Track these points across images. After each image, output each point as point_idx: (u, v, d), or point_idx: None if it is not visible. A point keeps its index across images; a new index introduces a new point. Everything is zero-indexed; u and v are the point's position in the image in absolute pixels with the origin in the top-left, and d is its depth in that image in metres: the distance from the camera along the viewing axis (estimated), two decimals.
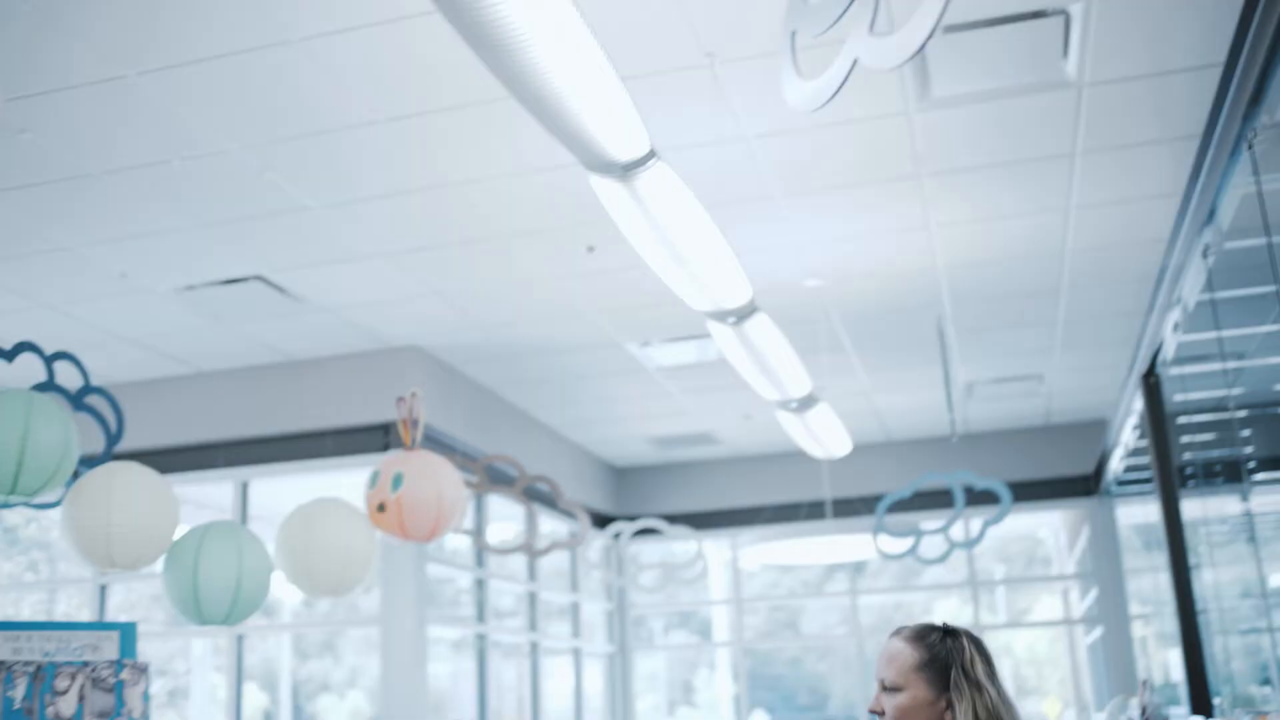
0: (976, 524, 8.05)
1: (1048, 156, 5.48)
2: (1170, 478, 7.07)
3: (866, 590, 11.71)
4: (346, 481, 6.57)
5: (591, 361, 8.47)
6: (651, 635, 12.68)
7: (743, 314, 5.15)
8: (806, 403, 6.62)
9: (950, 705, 2.33)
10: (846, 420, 7.82)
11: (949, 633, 2.42)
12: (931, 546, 8.23)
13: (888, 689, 2.40)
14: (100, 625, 4.49)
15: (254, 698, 11.68)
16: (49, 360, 4.96)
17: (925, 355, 8.31)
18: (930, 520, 8.07)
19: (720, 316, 5.17)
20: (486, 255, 6.52)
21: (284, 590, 5.21)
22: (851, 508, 9.86)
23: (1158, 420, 7.19)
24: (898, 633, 2.46)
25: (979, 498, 8.37)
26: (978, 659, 2.36)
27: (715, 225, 4.37)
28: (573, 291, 7.08)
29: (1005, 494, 7.57)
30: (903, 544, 7.89)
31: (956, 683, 2.34)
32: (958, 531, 8.98)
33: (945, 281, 7.00)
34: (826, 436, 7.39)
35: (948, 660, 2.36)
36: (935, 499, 9.17)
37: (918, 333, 7.90)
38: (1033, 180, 5.74)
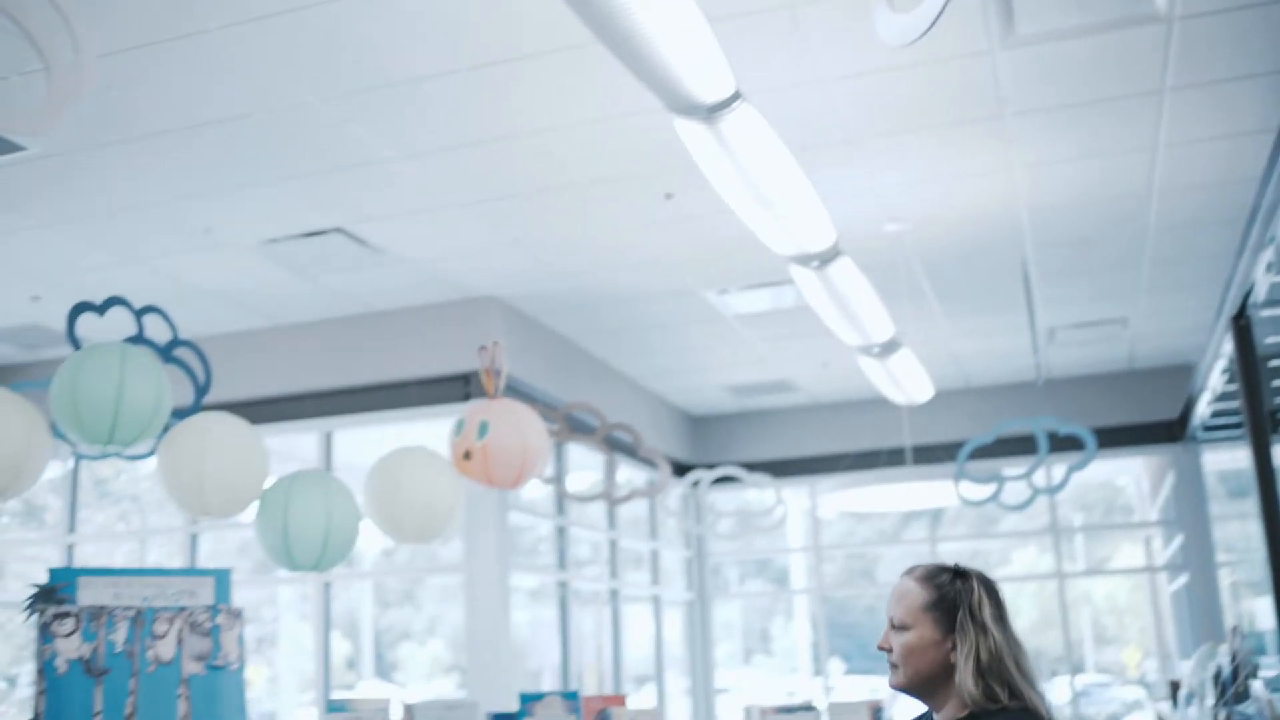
0: (1059, 470, 7.96)
1: (1136, 94, 5.36)
2: (1261, 423, 6.93)
3: (944, 538, 11.65)
4: (428, 432, 6.63)
5: (669, 310, 8.46)
6: (727, 584, 12.73)
7: (826, 258, 5.11)
8: (889, 348, 6.56)
9: (955, 646, 2.33)
10: (926, 367, 7.74)
11: (959, 574, 2.41)
12: (1013, 493, 8.15)
13: (896, 627, 2.41)
14: (195, 571, 4.58)
15: (338, 645, 11.91)
16: (138, 314, 5.05)
17: (1006, 300, 8.20)
18: (1012, 467, 7.99)
19: (803, 260, 5.13)
20: (565, 204, 6.52)
21: (365, 540, 5.29)
22: (931, 455, 9.77)
23: (1248, 364, 7.03)
24: (909, 572, 2.46)
25: (1061, 444, 8.26)
26: (986, 601, 2.35)
27: (797, 168, 4.33)
28: (651, 239, 7.07)
29: (1090, 439, 7.47)
30: (985, 490, 7.82)
31: (962, 624, 2.33)
32: (1040, 478, 8.88)
33: (1028, 224, 6.89)
34: (908, 382, 7.32)
35: (955, 601, 2.35)
36: (1016, 445, 9.07)
37: (999, 277, 7.79)
38: (1120, 118, 5.62)
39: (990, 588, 2.38)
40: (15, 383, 4.84)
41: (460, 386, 7.85)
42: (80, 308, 4.92)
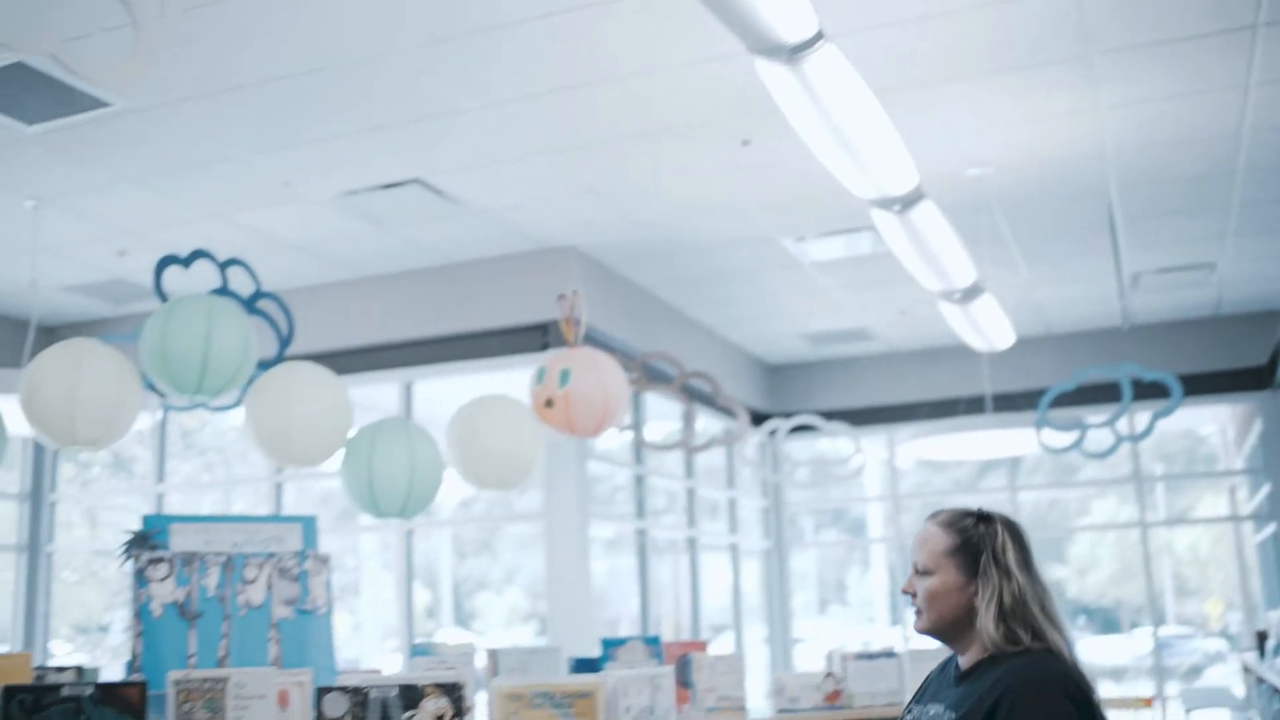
0: (1142, 418, 7.82)
1: (1227, 30, 5.20)
2: None
3: (1023, 486, 11.53)
4: (506, 382, 6.66)
5: (746, 258, 8.41)
6: (803, 534, 12.71)
7: (908, 201, 5.04)
8: (970, 293, 6.48)
9: (978, 591, 2.31)
10: (1007, 313, 7.63)
11: (983, 518, 2.39)
12: (1096, 441, 8.04)
13: (920, 572, 2.39)
14: (283, 518, 4.65)
15: (418, 595, 12.07)
16: (222, 267, 5.11)
17: (1090, 245, 8.05)
18: (1095, 415, 7.87)
19: (885, 204, 5.06)
20: (642, 152, 6.49)
21: (444, 491, 5.33)
22: (1011, 403, 9.65)
23: None
24: (934, 516, 2.44)
25: (1145, 391, 8.12)
26: (1010, 545, 2.33)
27: (880, 109, 4.27)
28: (728, 187, 7.02)
29: (1176, 386, 7.33)
30: (1067, 438, 7.71)
31: (985, 568, 2.31)
32: (1123, 425, 8.74)
33: (1114, 167, 6.74)
34: (989, 328, 7.22)
35: (979, 546, 2.34)
36: (1099, 393, 8.93)
37: (1083, 222, 7.65)
38: (1210, 56, 5.46)
39: (1015, 532, 2.37)
40: (105, 335, 4.93)
41: (538, 336, 7.88)
42: (166, 261, 5.00)
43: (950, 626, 2.35)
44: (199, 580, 4.35)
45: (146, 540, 4.42)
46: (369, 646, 10.63)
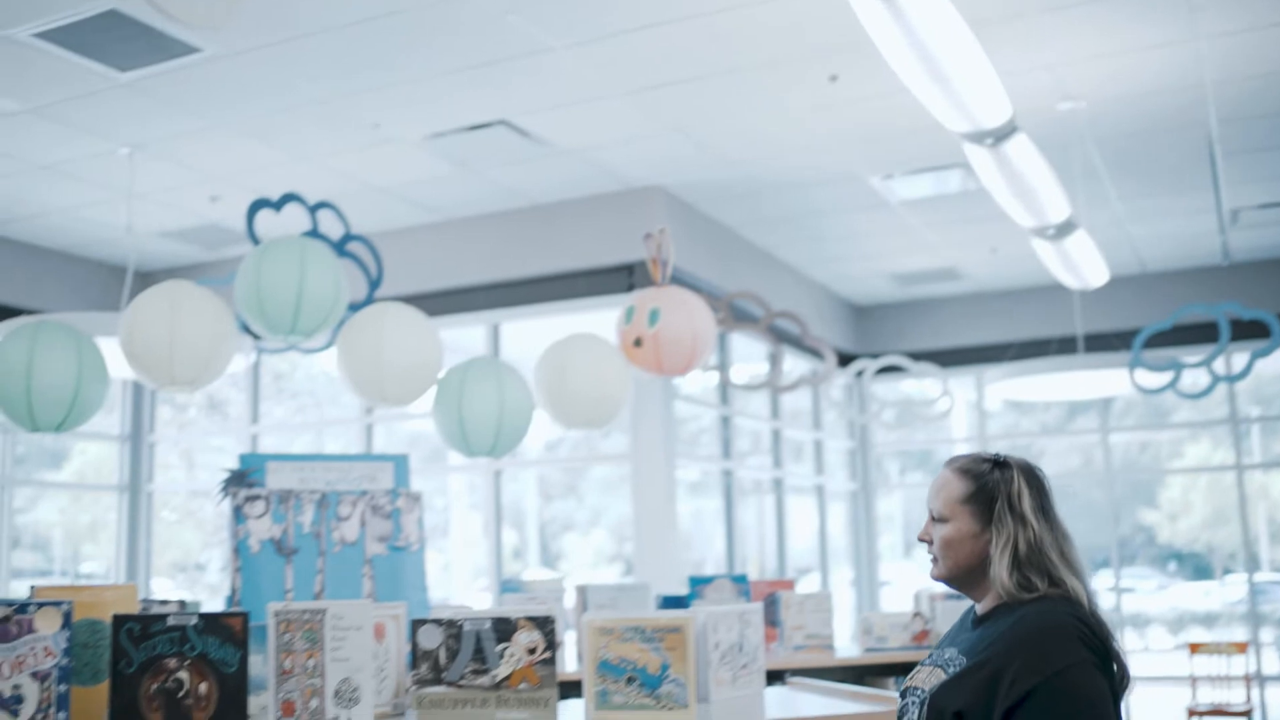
0: (1240, 359, 7.64)
1: None
2: None
3: (1114, 428, 11.35)
4: (592, 323, 6.68)
5: (833, 197, 8.32)
6: (889, 476, 12.64)
7: (1001, 134, 4.94)
8: (1063, 229, 6.35)
9: (994, 539, 2.26)
10: (1101, 252, 7.48)
11: (999, 464, 2.33)
12: (1192, 381, 7.88)
13: (935, 519, 2.35)
14: (376, 457, 4.71)
15: (505, 536, 12.22)
16: (313, 210, 5.17)
17: (1187, 180, 7.85)
18: (1190, 355, 7.71)
19: (977, 138, 4.97)
20: (728, 90, 6.43)
21: (530, 432, 5.38)
22: (1104, 343, 9.48)
23: None
24: (950, 463, 2.38)
25: (1243, 331, 7.93)
26: (1026, 492, 2.27)
27: (973, 40, 4.17)
28: (814, 124, 6.93)
29: (1276, 325, 7.15)
30: (1161, 378, 7.56)
31: (1000, 515, 2.26)
32: (1220, 365, 8.56)
33: (1213, 99, 6.54)
34: (1083, 265, 7.08)
35: (994, 492, 2.28)
36: (1195, 333, 8.74)
37: (1180, 156, 7.45)
38: None
39: (1033, 478, 2.31)
40: (199, 279, 5.01)
41: (624, 277, 7.88)
42: (258, 204, 5.06)
43: (966, 574, 2.32)
44: (295, 517, 4.43)
45: (244, 478, 4.52)
46: (458, 585, 10.78)
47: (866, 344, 11.47)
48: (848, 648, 5.13)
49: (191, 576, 11.26)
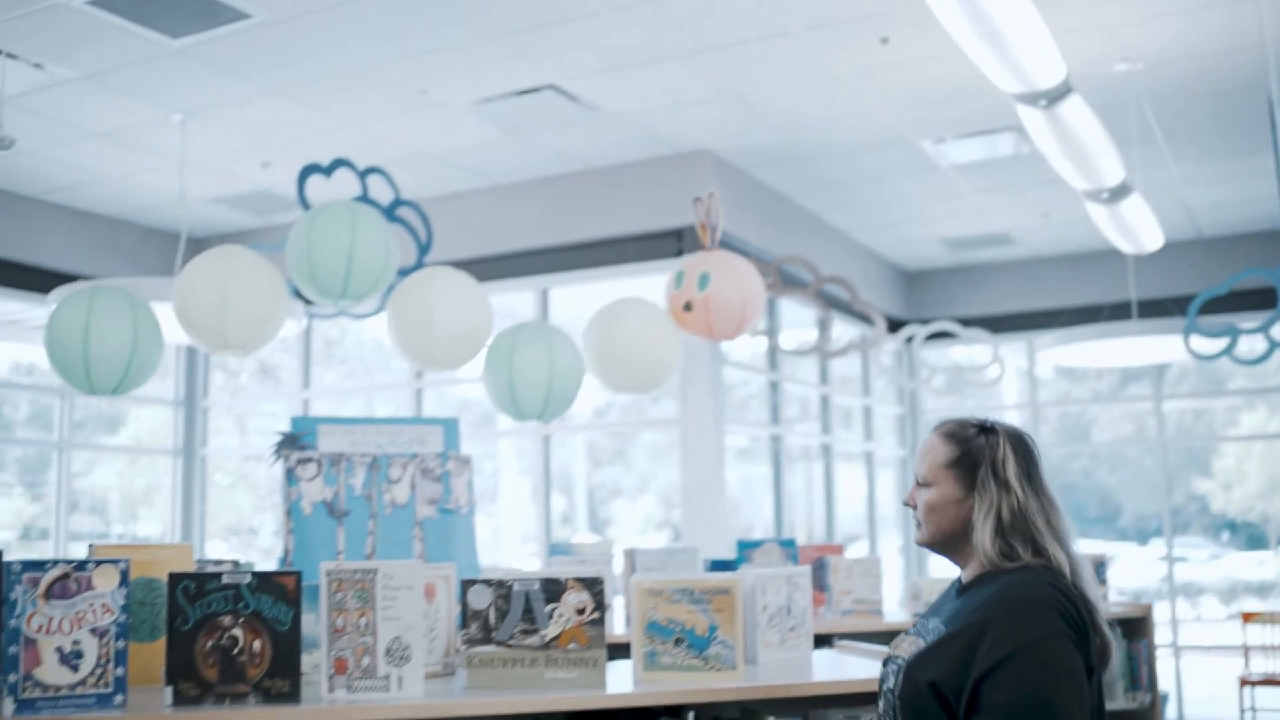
0: None
1: None
2: None
3: (1169, 396, 11.21)
4: (641, 287, 6.68)
5: (883, 161, 8.25)
6: None
7: (1055, 95, 4.87)
8: (1118, 193, 6.26)
9: (976, 505, 2.24)
10: (1156, 216, 7.37)
11: (986, 430, 2.30)
12: (1248, 347, 7.76)
13: (920, 484, 2.33)
14: (426, 420, 4.75)
15: (554, 501, 12.27)
16: (362, 175, 5.19)
17: (1246, 143, 7.72)
18: (1247, 321, 7.59)
19: (1030, 99, 4.90)
20: (777, 53, 6.38)
21: (579, 399, 5.39)
22: (1158, 309, 9.37)
23: None
24: (938, 427, 2.36)
25: None
26: (1011, 458, 2.24)
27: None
28: (865, 87, 6.87)
29: None
30: (1217, 344, 7.46)
31: (983, 481, 2.23)
32: (1278, 332, 8.42)
33: (1274, 59, 6.41)
34: (1138, 229, 6.98)
35: (978, 458, 2.26)
36: (1252, 299, 8.60)
37: (1239, 119, 7.32)
38: None
39: (1019, 444, 2.28)
40: (250, 246, 5.05)
41: (673, 242, 7.86)
42: (309, 170, 5.10)
43: (949, 540, 2.30)
44: (346, 480, 4.48)
45: (296, 441, 4.56)
46: (508, 550, 10.85)
47: (916, 310, 11.39)
48: (896, 613, 5.12)
49: (245, 540, 11.41)
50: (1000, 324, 10.78)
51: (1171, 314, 9.17)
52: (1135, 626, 4.85)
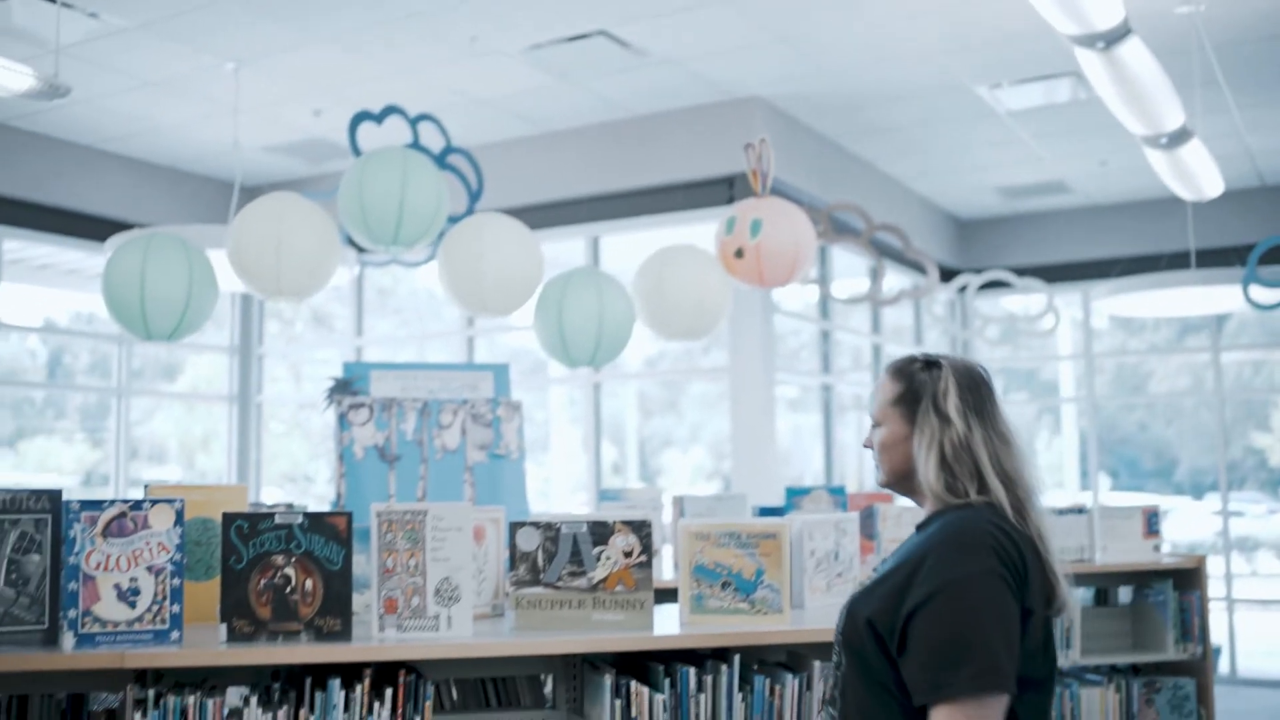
0: None
1: None
2: None
3: (1228, 347, 11.06)
4: (692, 235, 6.65)
5: (938, 107, 8.14)
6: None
7: (1113, 37, 4.77)
8: (1178, 137, 6.14)
9: (918, 439, 2.20)
10: (1216, 162, 7.23)
11: (931, 364, 2.26)
12: None
13: (874, 424, 2.31)
14: (476, 366, 4.77)
15: (605, 451, 12.32)
16: (413, 122, 5.19)
17: None
18: None
19: (1089, 41, 4.80)
20: None
21: (630, 348, 5.41)
22: (1218, 258, 9.22)
23: None
24: (888, 366, 2.33)
25: None
26: (953, 391, 2.19)
27: None
28: (920, 31, 6.77)
29: None
30: (1277, 294, 7.34)
31: (924, 414, 2.19)
32: None
33: None
34: (1197, 175, 6.85)
35: (919, 392, 2.22)
36: None
37: None
38: None
39: (965, 377, 2.22)
40: (303, 193, 5.07)
41: (724, 190, 7.82)
42: (360, 117, 5.10)
43: (903, 479, 2.27)
44: (397, 425, 4.52)
45: (348, 386, 4.60)
46: (559, 498, 10.93)
47: (970, 259, 11.28)
48: None
49: (301, 487, 11.56)
50: (1055, 273, 10.66)
51: (1231, 263, 9.00)
52: (1187, 578, 4.81)
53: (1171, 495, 13.06)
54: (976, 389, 2.21)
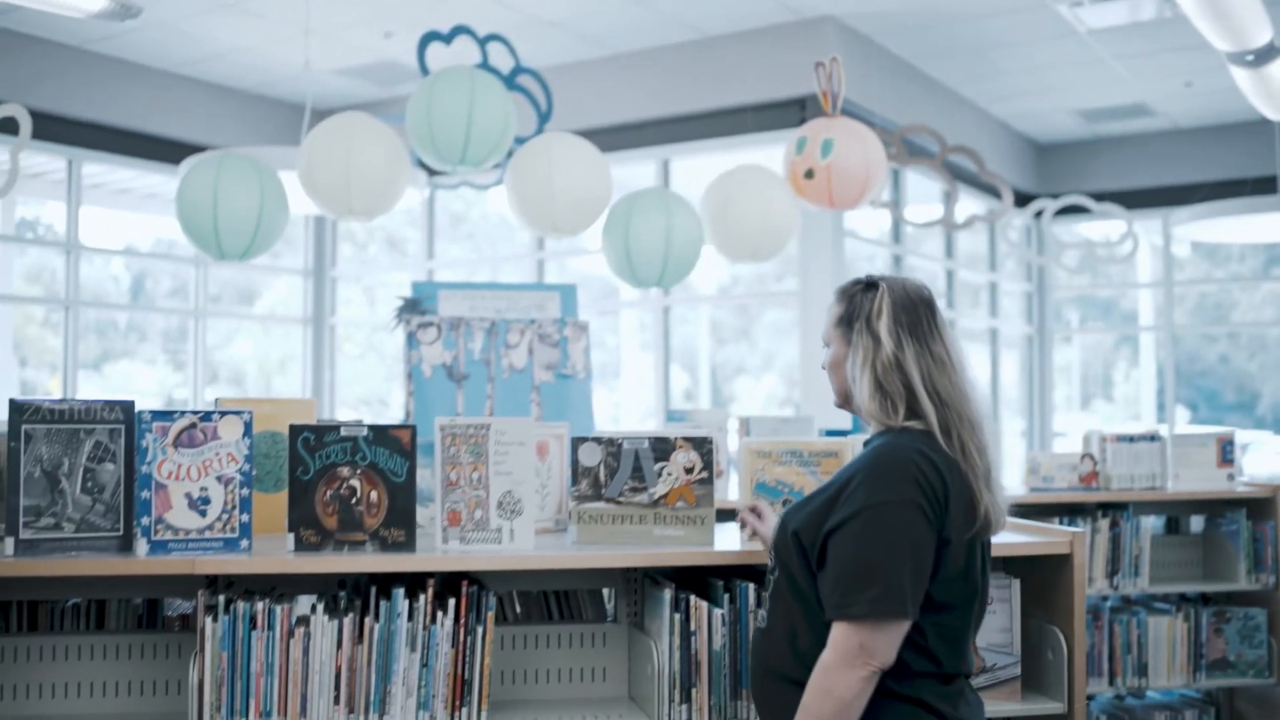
0: None
1: None
2: None
3: None
4: (762, 158, 6.58)
5: (1016, 25, 7.95)
6: (1067, 324, 12.28)
7: None
8: (1265, 54, 5.95)
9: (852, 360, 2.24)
10: None
11: (870, 285, 2.27)
12: None
13: (824, 345, 2.37)
14: (544, 286, 4.79)
15: (676, 378, 12.33)
16: (482, 43, 5.17)
17: None
18: None
19: None
20: None
21: (701, 273, 5.42)
22: None
23: None
24: (836, 288, 2.36)
25: None
26: (886, 311, 2.20)
27: None
28: None
29: None
30: None
31: (857, 333, 2.23)
32: None
33: None
34: None
35: (854, 313, 2.25)
36: None
37: None
38: None
39: (902, 297, 2.22)
40: (374, 115, 5.08)
41: (795, 111, 7.72)
42: (429, 37, 5.09)
43: (848, 400, 2.31)
44: (465, 344, 4.56)
45: (417, 306, 4.64)
46: (629, 424, 10.98)
47: (1047, 184, 11.07)
48: (1013, 489, 5.07)
49: (375, 410, 11.71)
50: (1135, 199, 10.42)
51: None
52: (1260, 508, 4.73)
53: (1252, 430, 12.82)
54: (913, 309, 2.22)
